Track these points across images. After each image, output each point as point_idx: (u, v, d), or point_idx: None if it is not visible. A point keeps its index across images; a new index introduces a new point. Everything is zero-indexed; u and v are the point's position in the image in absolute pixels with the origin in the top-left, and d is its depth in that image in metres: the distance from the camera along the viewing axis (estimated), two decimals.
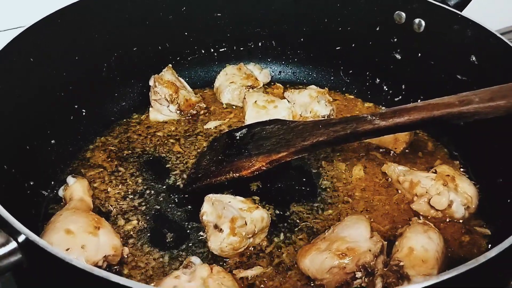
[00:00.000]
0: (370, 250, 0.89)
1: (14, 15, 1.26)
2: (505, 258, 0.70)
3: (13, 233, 0.66)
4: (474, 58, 1.13)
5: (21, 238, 0.66)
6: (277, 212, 1.05)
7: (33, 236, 0.64)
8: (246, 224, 0.93)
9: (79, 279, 0.62)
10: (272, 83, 1.46)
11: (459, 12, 1.15)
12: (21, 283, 0.82)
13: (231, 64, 1.42)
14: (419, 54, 1.26)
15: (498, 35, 1.07)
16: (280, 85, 1.44)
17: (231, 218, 0.93)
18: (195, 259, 0.89)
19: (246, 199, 0.99)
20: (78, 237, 0.87)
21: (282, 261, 0.96)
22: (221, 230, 0.93)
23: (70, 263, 0.60)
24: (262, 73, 1.44)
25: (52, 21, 1.10)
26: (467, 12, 1.17)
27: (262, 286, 0.91)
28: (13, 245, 0.66)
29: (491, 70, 1.09)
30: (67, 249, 0.85)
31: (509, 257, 0.72)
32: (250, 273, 0.92)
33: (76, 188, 1.03)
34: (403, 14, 1.25)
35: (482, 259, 0.62)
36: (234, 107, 1.36)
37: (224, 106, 1.36)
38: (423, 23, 1.22)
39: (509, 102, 0.87)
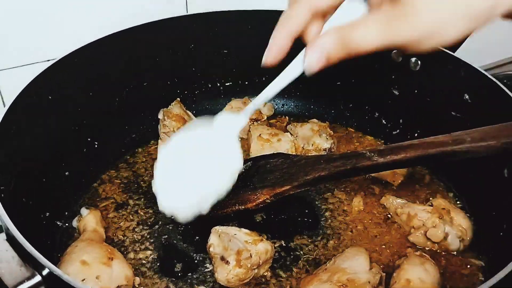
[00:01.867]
0: (369, 282, 0.93)
1: (33, 51, 1.33)
2: None
3: (38, 267, 0.71)
4: (467, 97, 1.19)
5: (45, 272, 0.71)
6: (281, 243, 1.10)
7: (57, 271, 0.69)
8: (251, 256, 0.98)
9: None
10: (279, 116, 1.52)
11: (452, 53, 1.22)
12: None
13: (237, 98, 1.48)
14: (416, 91, 1.32)
15: (490, 76, 1.14)
16: (286, 118, 1.50)
17: (237, 251, 0.98)
18: None
19: (251, 231, 1.04)
20: (93, 268, 0.92)
21: None
22: (227, 262, 0.98)
23: None
24: (266, 106, 1.50)
25: (68, 61, 1.16)
26: (460, 53, 1.24)
27: None
28: (37, 278, 0.70)
29: (483, 109, 1.15)
30: (83, 280, 0.90)
31: None
32: None
33: (89, 219, 1.08)
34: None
35: None
36: (239, 139, 1.41)
37: None
38: (419, 62, 1.28)
39: (499, 142, 0.93)
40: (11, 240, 0.75)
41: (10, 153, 0.99)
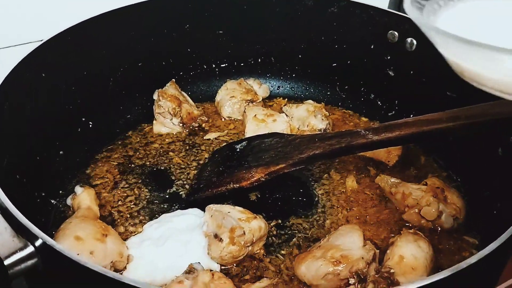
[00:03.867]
0: (363, 258, 0.93)
1: (27, 31, 1.32)
2: (487, 264, 0.75)
3: (31, 238, 0.71)
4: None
5: (38, 243, 0.71)
6: (276, 222, 1.10)
7: (50, 241, 0.69)
8: (244, 233, 0.98)
9: (91, 280, 0.67)
10: (277, 97, 1.51)
11: None
12: (34, 286, 0.86)
13: (232, 79, 1.48)
14: (411, 72, 1.32)
15: None
16: (285, 100, 1.50)
17: (231, 228, 0.98)
18: (197, 265, 0.94)
19: (245, 209, 1.04)
20: (87, 244, 0.92)
21: (279, 268, 1.01)
22: (221, 240, 0.98)
23: (85, 265, 0.65)
24: (261, 88, 1.49)
25: (62, 39, 1.16)
26: None
27: None
28: (30, 249, 0.71)
29: (478, 88, 1.15)
30: (77, 255, 0.89)
31: (491, 263, 0.78)
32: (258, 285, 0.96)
33: (83, 197, 1.08)
34: (396, 34, 1.31)
35: (463, 265, 0.67)
36: (234, 120, 1.41)
37: (225, 119, 1.42)
38: (415, 42, 1.28)
39: (492, 119, 0.93)
40: (3, 211, 0.75)
41: (2, 130, 0.99)
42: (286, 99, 1.51)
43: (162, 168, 1.24)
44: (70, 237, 0.92)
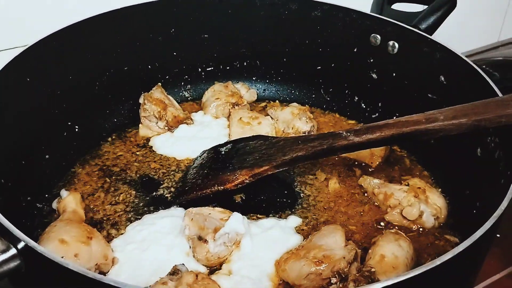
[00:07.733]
0: (344, 258, 0.95)
1: (11, 36, 1.32)
2: (462, 261, 0.77)
3: (13, 240, 0.71)
4: (442, 78, 1.21)
5: (20, 245, 0.71)
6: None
7: (32, 243, 0.70)
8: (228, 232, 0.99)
9: (74, 282, 0.68)
10: (262, 100, 1.53)
11: (428, 36, 1.24)
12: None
13: (220, 82, 1.49)
14: (394, 74, 1.34)
15: (463, 57, 1.16)
16: (276, 102, 1.52)
17: (214, 228, 0.99)
18: (181, 266, 0.94)
19: (224, 209, 1.05)
20: (71, 246, 0.93)
21: None
22: (205, 241, 0.99)
23: (67, 267, 0.66)
24: (248, 92, 1.51)
25: (48, 43, 1.16)
26: (436, 36, 1.26)
27: None
28: (13, 251, 0.71)
29: (458, 90, 1.17)
30: (61, 257, 0.90)
31: (467, 260, 0.80)
32: None
33: (69, 201, 1.08)
34: (379, 37, 1.33)
35: (438, 261, 0.69)
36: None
37: None
38: (396, 45, 1.30)
39: (469, 119, 0.95)
40: None
41: None
42: (270, 101, 1.52)
43: (148, 171, 1.25)
44: (54, 240, 0.93)
